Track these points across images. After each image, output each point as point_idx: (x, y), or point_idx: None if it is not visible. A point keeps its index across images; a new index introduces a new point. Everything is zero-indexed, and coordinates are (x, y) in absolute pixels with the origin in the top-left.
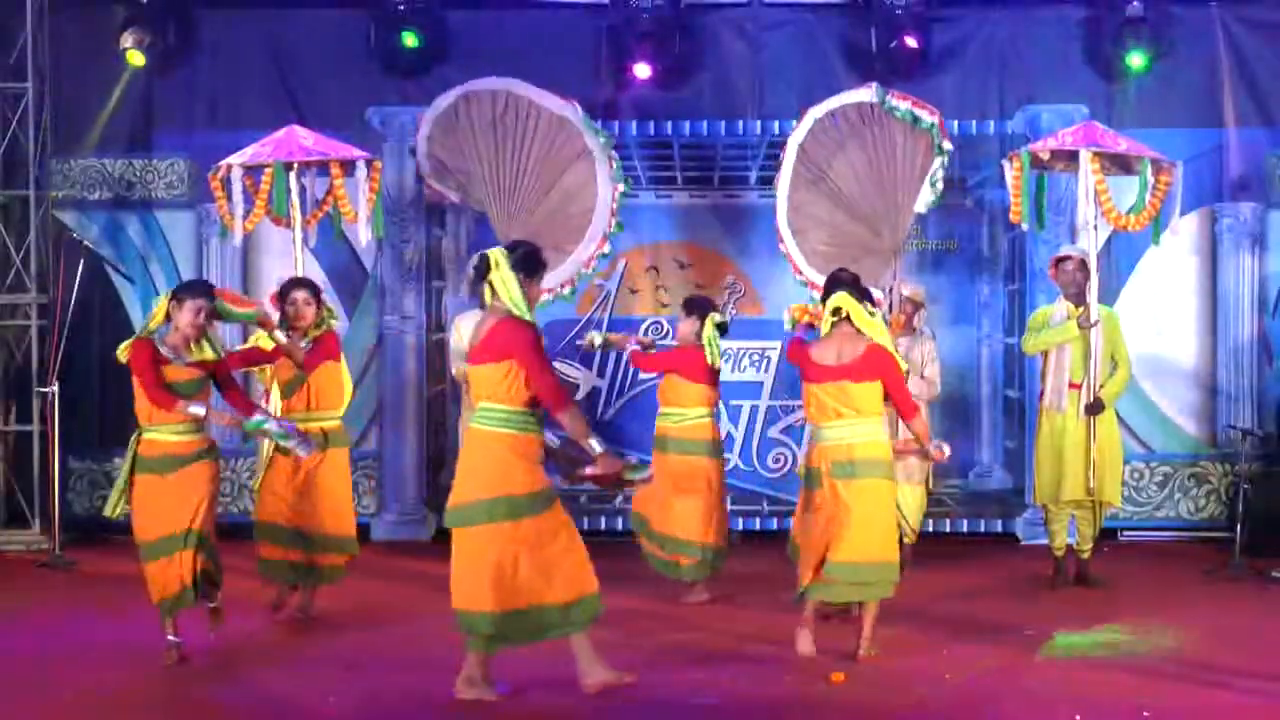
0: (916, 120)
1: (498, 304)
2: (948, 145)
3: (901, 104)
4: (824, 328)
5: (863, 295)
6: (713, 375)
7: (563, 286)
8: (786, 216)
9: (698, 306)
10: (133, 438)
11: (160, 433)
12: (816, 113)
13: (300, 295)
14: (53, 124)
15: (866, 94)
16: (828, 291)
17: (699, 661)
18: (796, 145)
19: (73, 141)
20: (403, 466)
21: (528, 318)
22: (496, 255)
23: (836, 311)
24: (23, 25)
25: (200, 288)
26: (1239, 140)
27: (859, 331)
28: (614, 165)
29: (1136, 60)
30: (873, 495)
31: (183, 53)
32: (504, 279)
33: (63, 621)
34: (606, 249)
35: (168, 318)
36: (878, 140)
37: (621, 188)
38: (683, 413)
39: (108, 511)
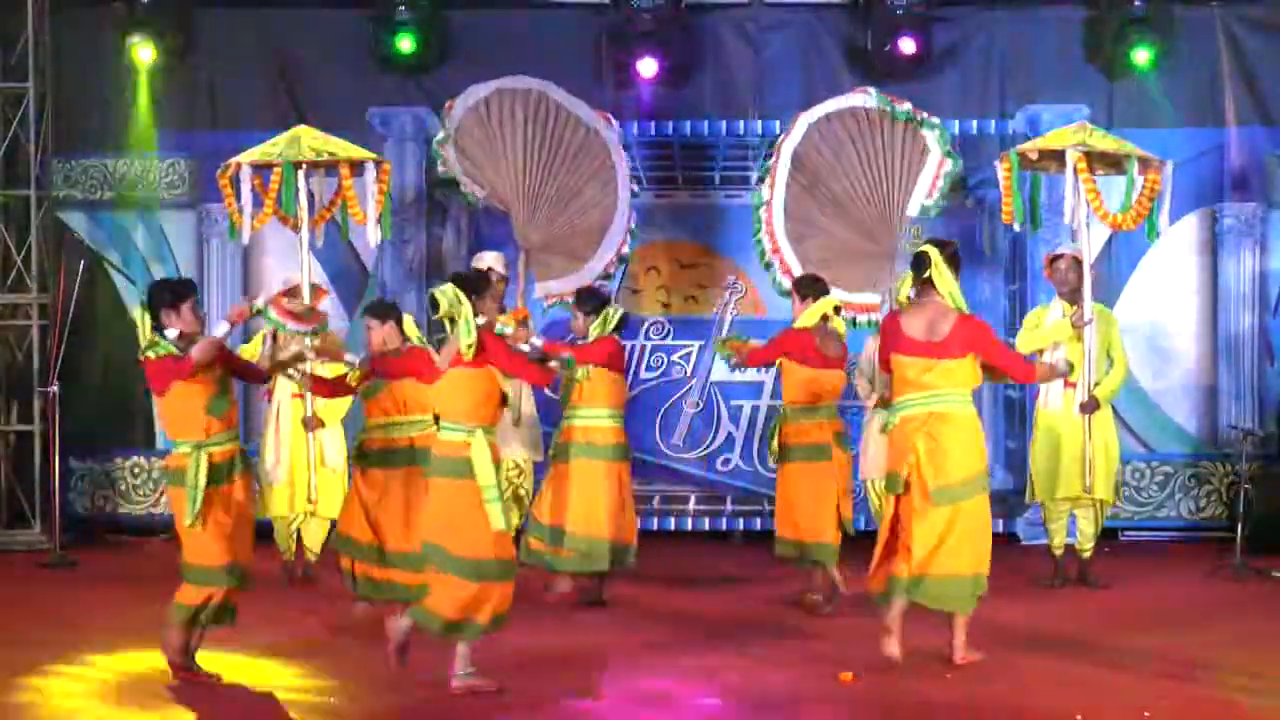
0: (918, 122)
1: (936, 299)
2: (943, 131)
3: (901, 107)
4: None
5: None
6: None
7: (567, 296)
8: (783, 224)
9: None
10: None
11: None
12: (809, 117)
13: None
14: (53, 124)
15: (863, 99)
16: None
17: (701, 660)
18: (790, 151)
19: (74, 142)
20: None
21: (967, 310)
22: (933, 252)
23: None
24: (24, 25)
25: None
26: (1239, 140)
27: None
28: (635, 185)
29: (1139, 58)
30: None
31: (184, 53)
32: (944, 274)
33: (64, 621)
34: (615, 269)
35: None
36: (876, 146)
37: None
38: None
39: (495, 523)
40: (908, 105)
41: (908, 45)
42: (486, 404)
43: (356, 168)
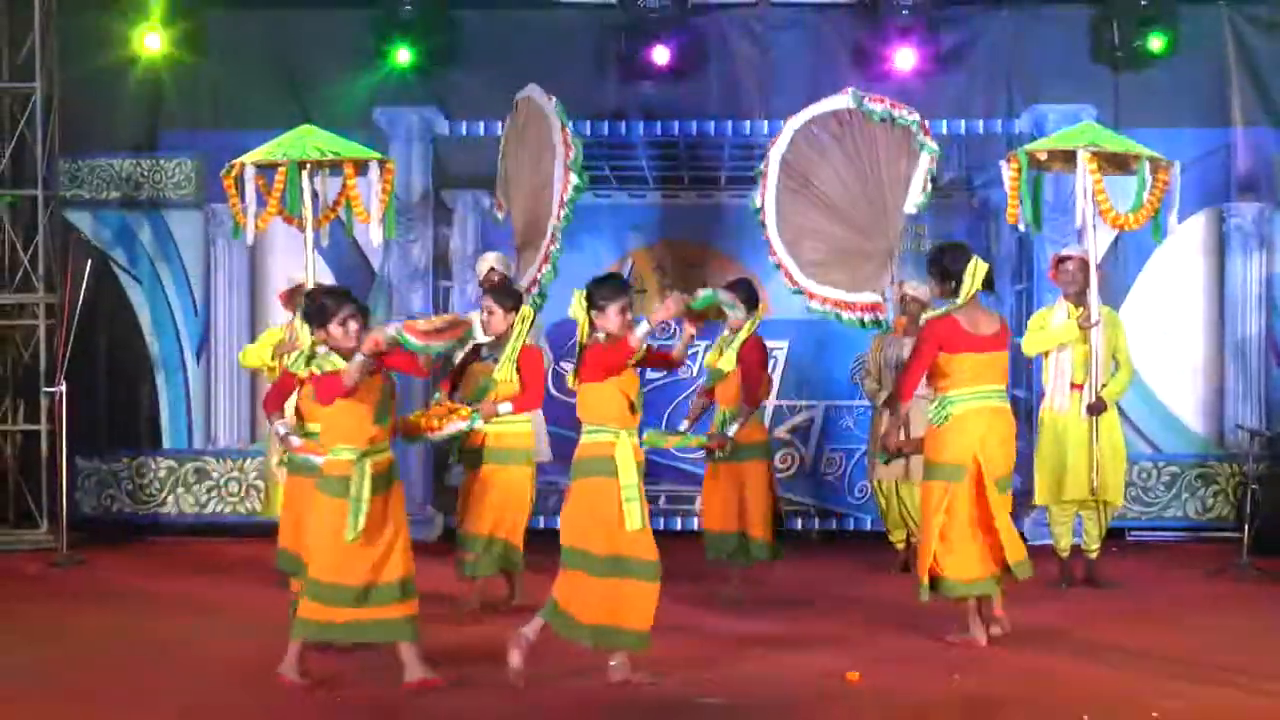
0: (894, 120)
1: (977, 300)
2: (932, 145)
3: (878, 106)
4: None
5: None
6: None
7: (531, 285)
8: (777, 228)
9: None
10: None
11: None
12: (795, 123)
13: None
14: (60, 123)
15: (843, 100)
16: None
17: (707, 661)
18: (779, 157)
19: (81, 142)
20: (409, 467)
21: None
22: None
23: None
24: (31, 25)
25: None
26: (1246, 140)
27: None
28: (572, 156)
29: (1145, 58)
30: None
31: (190, 52)
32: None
33: (69, 621)
34: (556, 245)
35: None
36: (859, 145)
37: (574, 180)
38: None
39: (631, 523)
40: (883, 105)
41: (906, 59)
42: (613, 405)
43: (360, 167)
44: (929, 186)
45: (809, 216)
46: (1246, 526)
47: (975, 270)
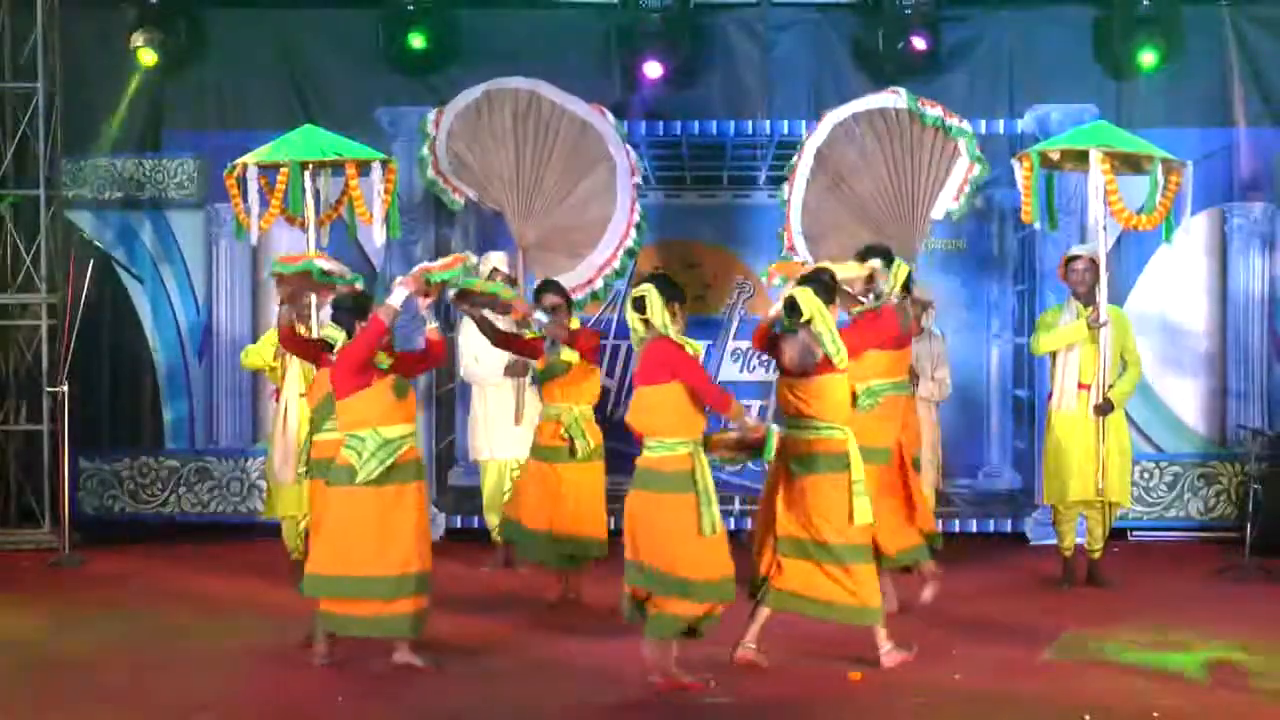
0: (947, 128)
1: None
2: (983, 160)
3: (931, 111)
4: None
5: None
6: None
7: (575, 291)
8: (801, 221)
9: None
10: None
11: None
12: (836, 117)
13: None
14: (63, 124)
15: (893, 99)
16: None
17: (712, 661)
18: (814, 149)
19: (83, 142)
20: None
21: None
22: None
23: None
24: (33, 25)
25: None
26: (1249, 140)
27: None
28: (638, 175)
29: (1148, 58)
30: None
31: (192, 52)
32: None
33: (71, 621)
34: (617, 264)
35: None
36: (901, 146)
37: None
38: None
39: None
40: (939, 110)
41: (916, 46)
42: (846, 403)
43: (363, 168)
44: (964, 196)
45: (837, 215)
46: (1249, 526)
47: (898, 271)
